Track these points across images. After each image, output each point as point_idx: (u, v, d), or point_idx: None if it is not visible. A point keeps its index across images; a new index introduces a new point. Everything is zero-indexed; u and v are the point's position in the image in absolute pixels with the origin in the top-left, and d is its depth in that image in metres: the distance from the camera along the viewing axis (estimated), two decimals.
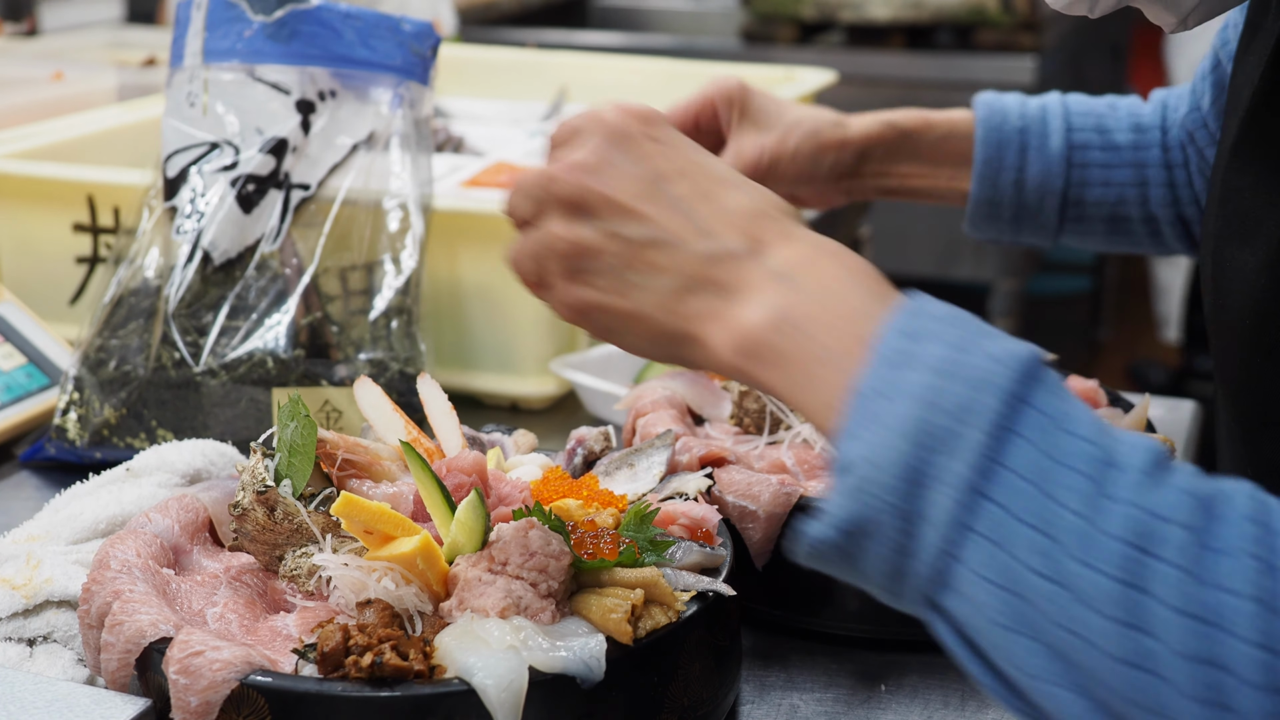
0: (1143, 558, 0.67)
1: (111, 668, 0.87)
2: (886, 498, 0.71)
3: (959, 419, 0.70)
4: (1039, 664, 0.70)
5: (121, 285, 1.34)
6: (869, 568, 0.73)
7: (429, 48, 1.44)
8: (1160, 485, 0.69)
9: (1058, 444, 0.70)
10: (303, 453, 0.95)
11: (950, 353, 0.73)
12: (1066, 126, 1.39)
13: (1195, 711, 0.66)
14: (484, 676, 0.81)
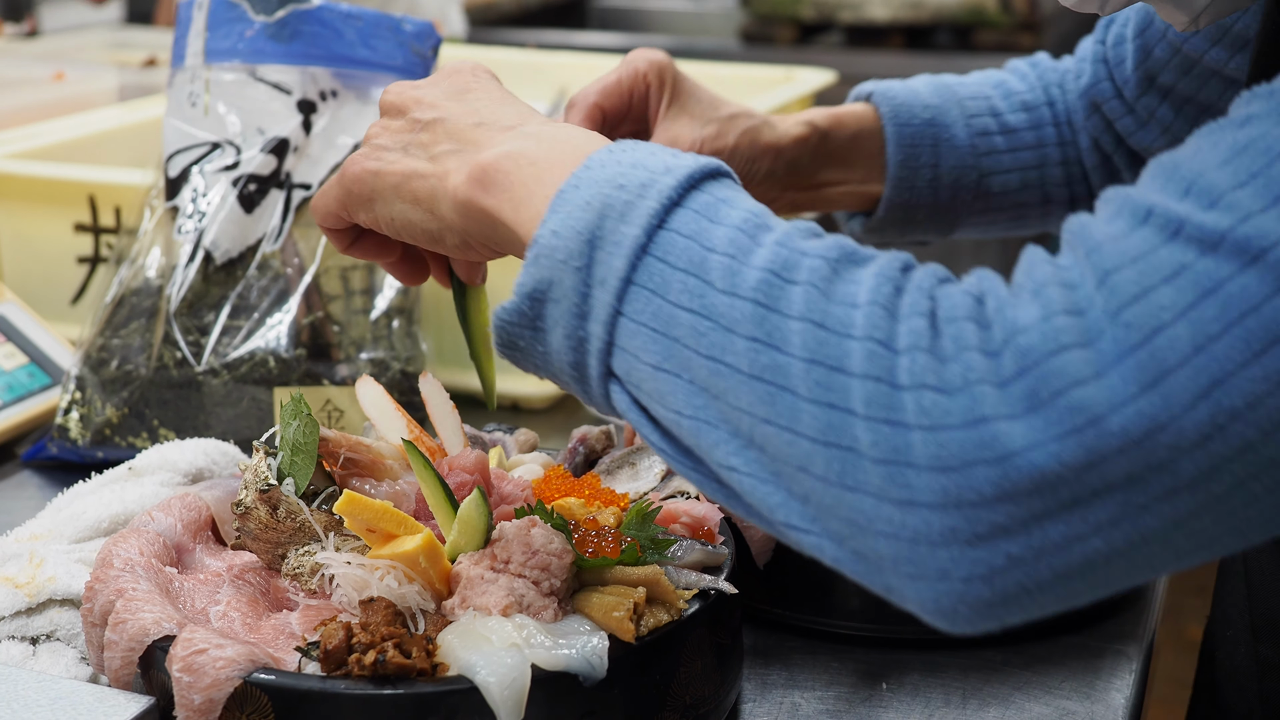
0: (781, 283, 0.73)
1: (115, 666, 0.87)
2: (566, 260, 0.77)
3: (638, 194, 0.77)
4: (688, 400, 0.74)
5: (123, 285, 1.34)
6: (553, 337, 0.79)
7: (430, 48, 1.44)
8: (812, 237, 0.75)
9: (721, 213, 0.77)
10: (305, 451, 0.95)
11: (644, 155, 0.80)
12: (965, 115, 1.32)
13: (813, 412, 0.70)
14: (487, 674, 0.82)
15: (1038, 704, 1.00)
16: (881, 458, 0.68)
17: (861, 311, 0.71)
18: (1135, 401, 0.65)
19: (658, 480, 1.05)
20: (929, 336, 0.69)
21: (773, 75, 2.18)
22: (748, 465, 0.73)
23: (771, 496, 0.73)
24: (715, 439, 0.74)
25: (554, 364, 0.80)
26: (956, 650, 1.06)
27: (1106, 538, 0.67)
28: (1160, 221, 0.68)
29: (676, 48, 3.47)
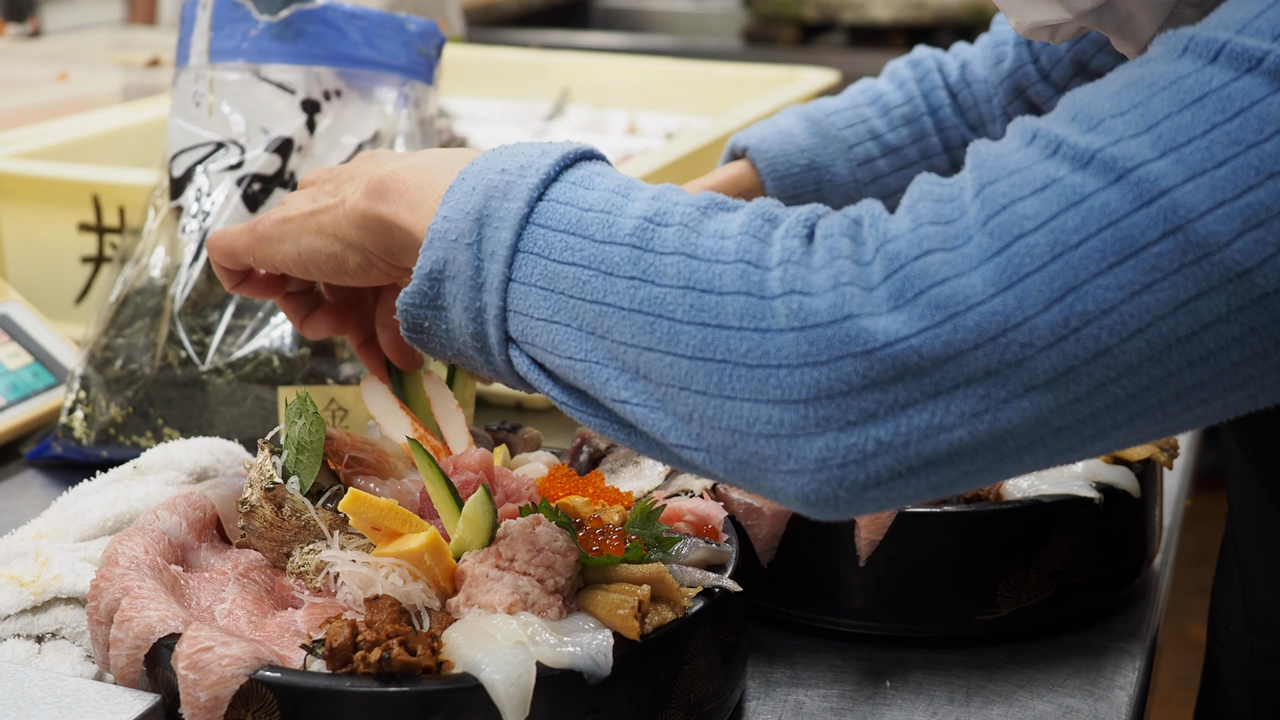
0: (655, 227, 0.78)
1: (120, 664, 0.87)
2: (458, 239, 0.83)
3: (519, 175, 0.84)
4: (577, 345, 0.80)
5: (127, 284, 1.34)
6: (453, 311, 0.84)
7: (433, 48, 1.44)
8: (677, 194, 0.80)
9: (593, 181, 0.83)
10: (310, 450, 0.95)
11: (523, 147, 0.87)
12: (843, 145, 1.32)
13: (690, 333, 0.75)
14: (492, 672, 0.82)
15: (1041, 701, 1.00)
16: (755, 363, 0.73)
17: (733, 241, 0.76)
18: (991, 300, 0.70)
19: (661, 478, 1.06)
20: (802, 251, 0.74)
21: (775, 75, 2.18)
22: (636, 395, 0.78)
23: (661, 421, 0.78)
24: (605, 376, 0.79)
25: (457, 339, 0.86)
26: (960, 648, 1.06)
27: (970, 428, 0.71)
28: (1043, 141, 0.73)
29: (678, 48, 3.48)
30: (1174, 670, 3.11)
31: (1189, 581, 3.55)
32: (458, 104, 2.26)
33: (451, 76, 2.23)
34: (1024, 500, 1.05)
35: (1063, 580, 1.06)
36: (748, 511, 1.05)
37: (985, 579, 1.05)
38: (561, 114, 2.25)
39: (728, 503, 1.05)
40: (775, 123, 1.34)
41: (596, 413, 0.82)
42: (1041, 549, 1.05)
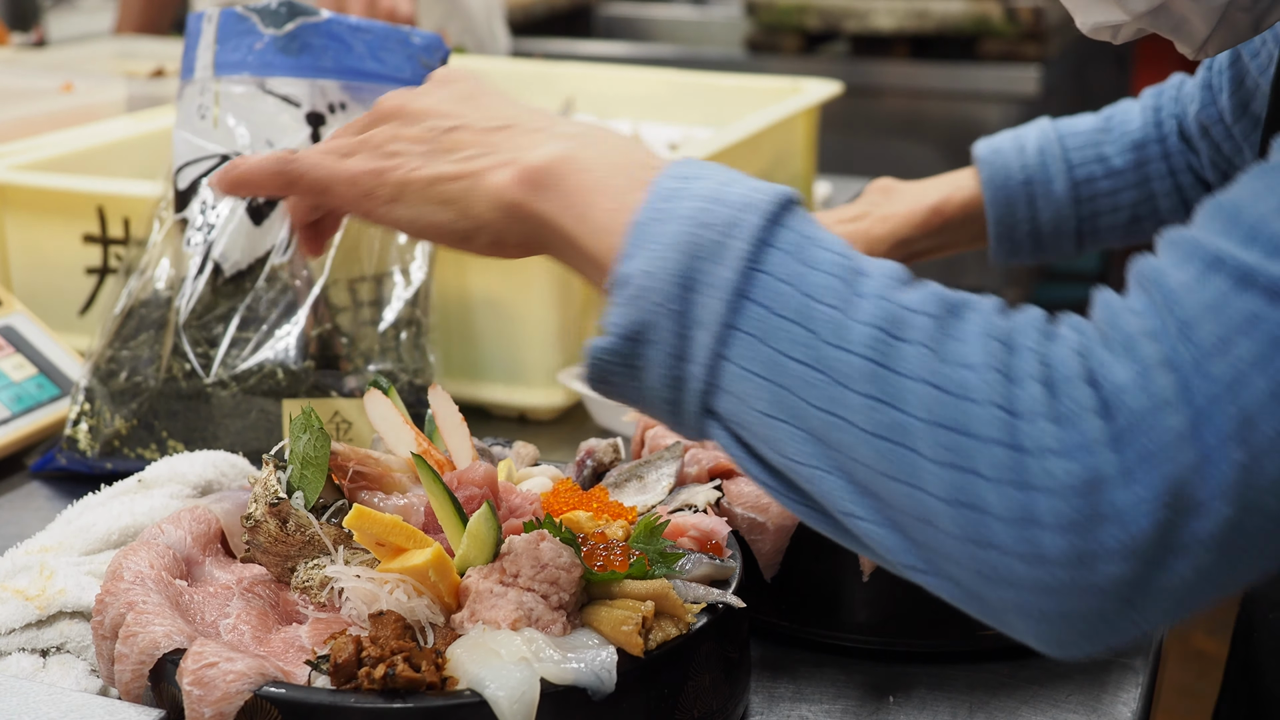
0: (891, 340, 0.75)
1: (125, 679, 0.88)
2: (662, 303, 0.79)
3: (725, 233, 0.78)
4: (801, 448, 0.77)
5: (132, 296, 1.35)
6: (649, 375, 0.80)
7: (438, 60, 1.45)
8: (907, 287, 0.78)
9: (812, 255, 0.78)
10: (315, 465, 0.95)
11: (716, 186, 0.81)
12: (1067, 165, 1.47)
13: (939, 474, 0.73)
14: (496, 688, 0.82)
15: (1044, 717, 1.00)
16: (1011, 518, 0.72)
17: (977, 375, 0.74)
18: (1227, 453, 0.71)
19: (665, 493, 1.06)
20: (1046, 401, 0.73)
21: (779, 86, 2.18)
22: (866, 511, 0.76)
23: (889, 539, 0.77)
24: (831, 486, 0.77)
25: (647, 399, 0.82)
26: (963, 664, 1.06)
27: (1212, 576, 0.72)
28: (1231, 270, 0.73)
29: (682, 57, 3.48)
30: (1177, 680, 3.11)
31: None
32: None
33: None
34: None
35: None
36: (751, 527, 1.05)
37: None
38: None
39: (731, 518, 1.05)
40: (1019, 134, 1.50)
41: (806, 504, 0.80)
42: None
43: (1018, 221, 1.49)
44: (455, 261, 1.46)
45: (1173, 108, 1.50)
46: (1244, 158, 1.42)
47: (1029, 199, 1.48)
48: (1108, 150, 1.49)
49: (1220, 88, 1.41)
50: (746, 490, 1.06)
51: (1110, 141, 1.49)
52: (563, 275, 1.46)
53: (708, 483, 1.08)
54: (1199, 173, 1.48)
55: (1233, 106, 1.40)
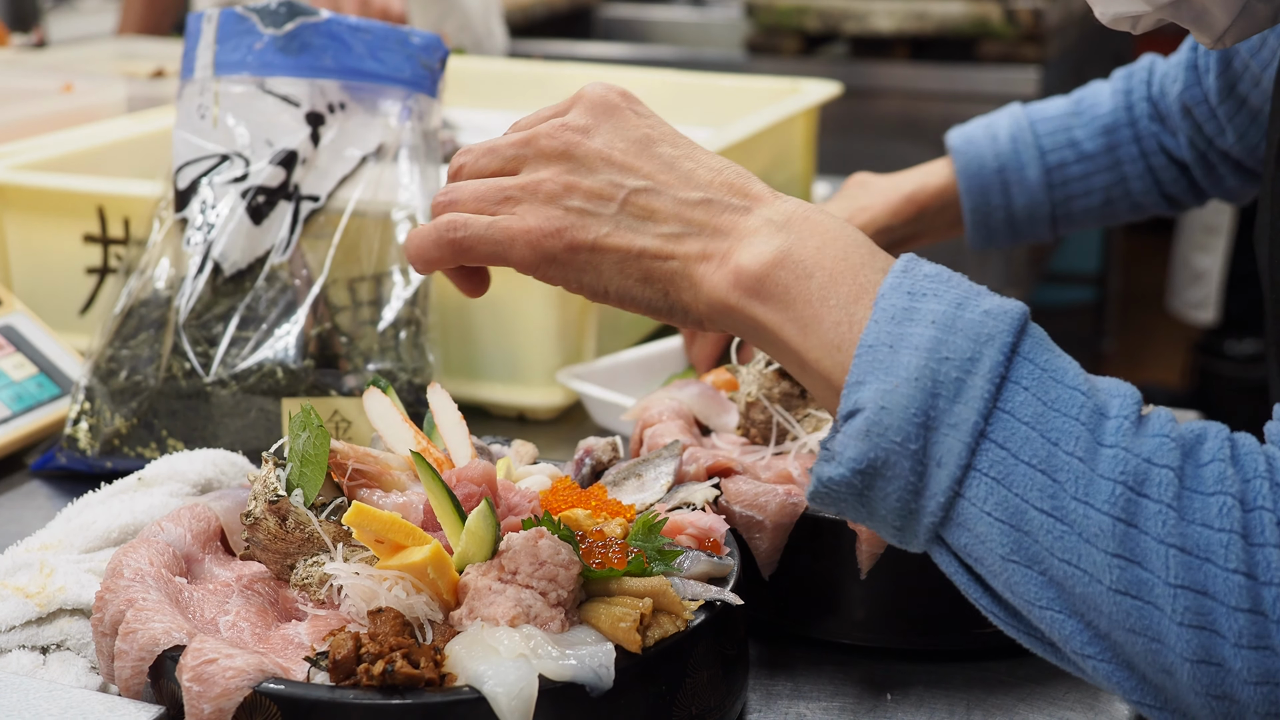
0: (1135, 497, 0.75)
1: (125, 675, 0.88)
2: (899, 440, 0.77)
3: (964, 369, 0.78)
4: (1040, 593, 0.78)
5: (132, 296, 1.35)
6: (881, 506, 0.80)
7: (437, 60, 1.45)
8: (1145, 432, 0.77)
9: (1052, 393, 0.78)
10: (315, 463, 0.96)
11: (949, 309, 0.79)
12: (1039, 151, 1.50)
13: (1182, 634, 0.74)
14: (494, 684, 0.82)
15: (1041, 715, 1.00)
16: (1253, 680, 0.74)
17: (1218, 536, 0.75)
18: None
19: (664, 492, 1.06)
20: None
21: (778, 87, 2.18)
22: (1103, 655, 0.78)
23: (1127, 682, 0.78)
24: (1070, 630, 0.78)
25: (873, 522, 0.82)
26: (961, 662, 1.06)
27: None
28: None
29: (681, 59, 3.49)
30: None
31: None
32: (461, 115, 2.27)
33: (453, 88, 2.23)
34: None
35: None
36: (749, 525, 1.05)
37: None
38: None
39: (729, 516, 1.06)
40: (991, 121, 1.54)
41: (1035, 636, 0.81)
42: None
43: (992, 209, 1.53)
44: None
45: (1144, 90, 1.51)
46: (1226, 139, 1.44)
47: (1003, 186, 1.51)
48: (1078, 134, 1.52)
49: (1206, 68, 1.42)
50: (744, 488, 1.06)
51: (1081, 125, 1.52)
52: None
53: (706, 481, 1.08)
54: (1172, 153, 1.50)
55: (1219, 88, 1.40)
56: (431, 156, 1.44)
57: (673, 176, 0.87)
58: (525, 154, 0.89)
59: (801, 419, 1.15)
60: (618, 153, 0.87)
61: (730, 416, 1.21)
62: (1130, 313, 5.26)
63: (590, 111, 0.89)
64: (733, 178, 0.87)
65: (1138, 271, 5.50)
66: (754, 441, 1.17)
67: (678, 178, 0.87)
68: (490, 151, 0.90)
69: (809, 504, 0.83)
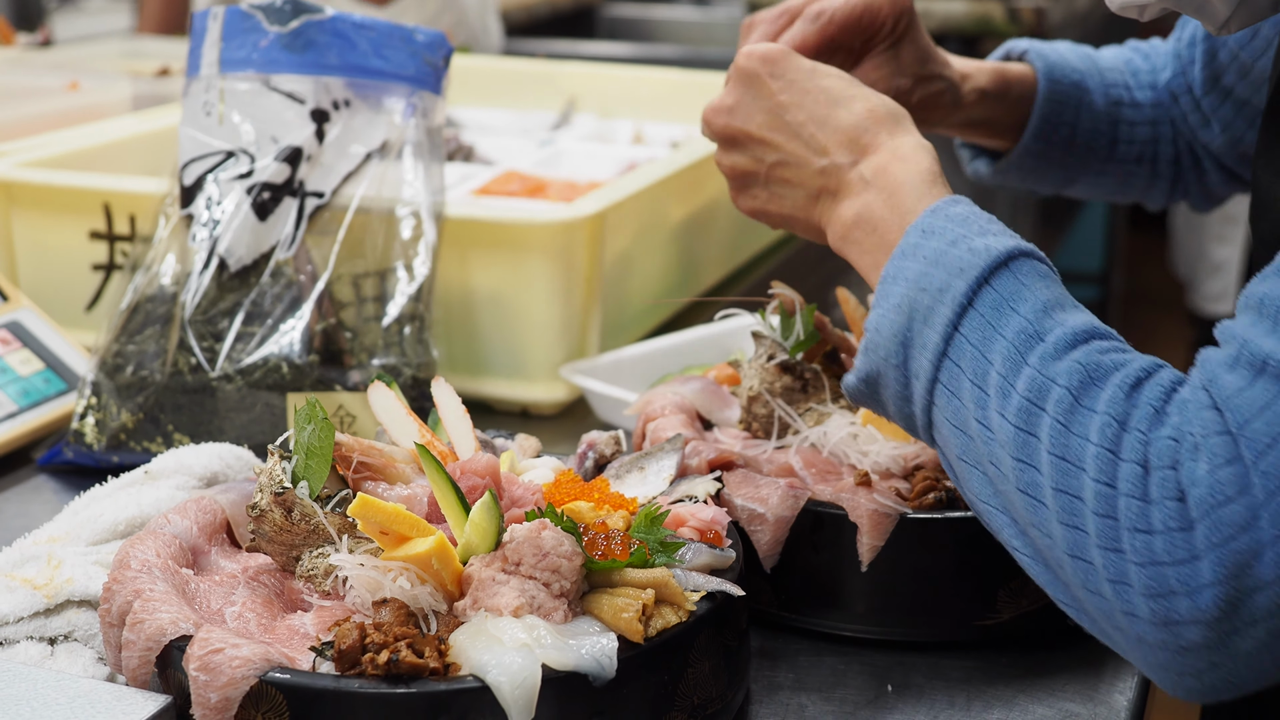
0: (1035, 410, 0.88)
1: (132, 665, 0.89)
2: (885, 356, 0.95)
3: (936, 298, 0.93)
4: (981, 490, 0.92)
5: (138, 292, 1.36)
6: (889, 408, 0.98)
7: (441, 58, 1.46)
8: (1063, 356, 0.89)
9: (1003, 320, 0.91)
10: (320, 455, 0.96)
11: (943, 246, 0.95)
12: (1104, 84, 1.46)
13: (1064, 533, 0.86)
14: (498, 674, 0.83)
15: (1041, 706, 1.01)
16: (1111, 579, 0.84)
17: (1092, 450, 0.85)
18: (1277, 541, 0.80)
19: (666, 484, 1.07)
20: (1141, 482, 0.84)
21: None
22: (1025, 548, 0.91)
23: (1041, 576, 0.90)
24: (1000, 524, 0.92)
25: (893, 420, 0.99)
26: (961, 653, 1.07)
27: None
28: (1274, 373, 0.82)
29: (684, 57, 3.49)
30: None
31: None
32: (465, 113, 2.27)
33: (458, 86, 2.24)
34: None
35: None
36: (751, 518, 1.06)
37: (986, 584, 1.06)
38: (568, 123, 2.26)
39: (731, 509, 1.06)
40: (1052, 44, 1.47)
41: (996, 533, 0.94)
42: None
43: (1061, 124, 1.42)
44: (459, 258, 1.47)
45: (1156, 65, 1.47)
46: (1210, 132, 1.42)
47: (1076, 104, 1.42)
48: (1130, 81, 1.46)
49: (1191, 59, 1.41)
50: (746, 482, 1.07)
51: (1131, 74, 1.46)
52: (565, 272, 1.47)
53: (708, 474, 1.09)
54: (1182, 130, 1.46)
55: (1204, 79, 1.40)
56: (435, 153, 1.44)
57: (800, 146, 1.07)
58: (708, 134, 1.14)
59: (803, 413, 1.16)
60: (755, 126, 1.09)
61: (732, 411, 1.22)
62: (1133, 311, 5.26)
63: (735, 86, 1.11)
64: (848, 132, 1.05)
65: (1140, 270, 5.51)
66: (756, 435, 1.18)
67: (804, 146, 1.07)
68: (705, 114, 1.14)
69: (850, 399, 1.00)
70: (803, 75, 1.08)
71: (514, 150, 2.07)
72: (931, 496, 1.06)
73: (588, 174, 1.92)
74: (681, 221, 1.77)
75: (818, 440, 1.14)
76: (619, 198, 1.55)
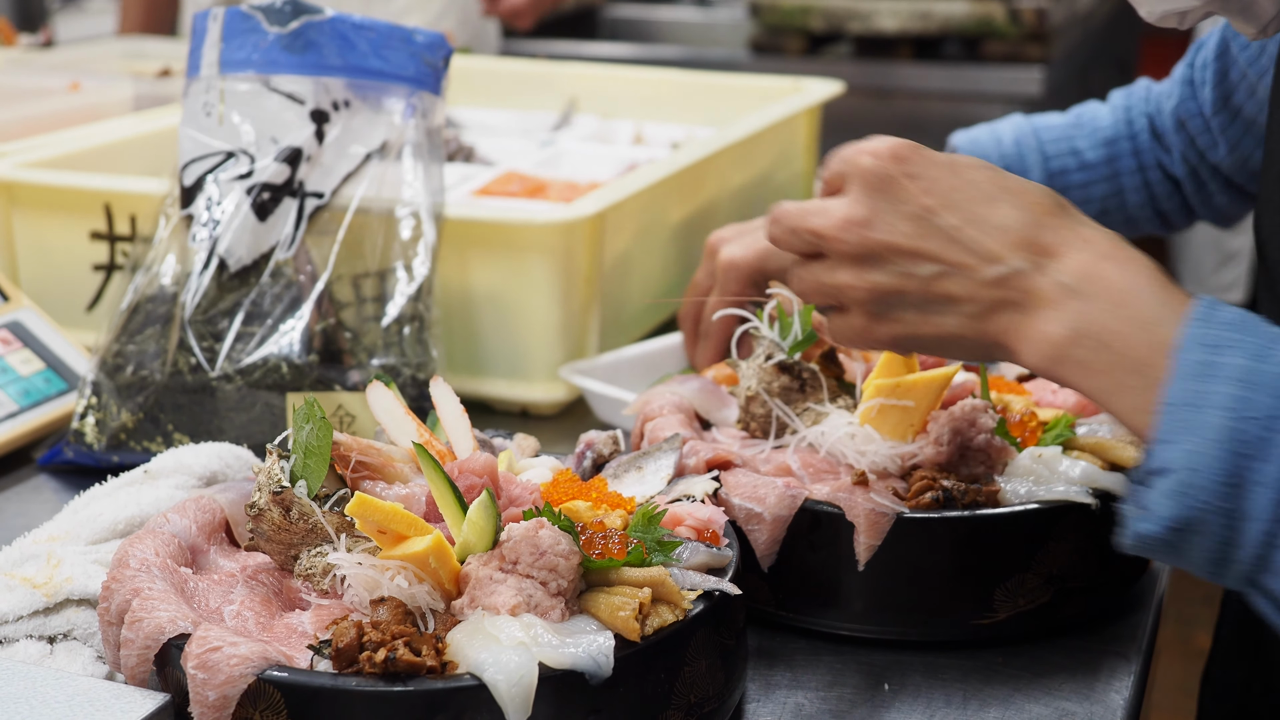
0: None
1: (131, 663, 0.89)
2: (1210, 500, 0.83)
3: (1268, 427, 0.82)
4: None
5: (138, 292, 1.36)
6: (1194, 559, 0.86)
7: (441, 58, 1.46)
8: None
9: None
10: (318, 454, 0.97)
11: (1250, 363, 0.84)
12: (1043, 157, 1.50)
13: None
14: (495, 672, 0.83)
15: (1037, 705, 1.01)
16: None
17: None
18: None
19: (664, 484, 1.07)
20: None
21: (781, 86, 2.19)
22: None
23: None
24: None
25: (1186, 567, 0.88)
26: (958, 652, 1.07)
27: None
28: None
29: (686, 58, 3.49)
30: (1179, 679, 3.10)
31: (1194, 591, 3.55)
32: (465, 114, 2.28)
33: (459, 86, 2.24)
34: (1021, 506, 1.06)
35: (1059, 585, 1.07)
36: (748, 517, 1.06)
37: (983, 584, 1.06)
38: (568, 124, 2.27)
39: (728, 508, 1.07)
40: (994, 127, 1.52)
41: None
42: (1038, 554, 1.06)
43: None
44: (458, 258, 1.48)
45: (1143, 106, 1.53)
46: (1219, 152, 1.46)
47: None
48: (1080, 144, 1.52)
49: (1203, 81, 1.45)
50: (744, 481, 1.07)
51: (1082, 136, 1.53)
52: (564, 272, 1.47)
53: (706, 473, 1.09)
54: (1167, 169, 1.52)
55: (1214, 99, 1.43)
56: (435, 154, 1.45)
57: (961, 253, 0.92)
58: (821, 247, 0.96)
59: (801, 413, 1.16)
60: (902, 237, 0.93)
61: (730, 410, 1.22)
62: None
63: (866, 193, 0.94)
64: (1018, 232, 0.92)
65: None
66: (754, 435, 1.18)
67: (967, 254, 0.92)
68: (792, 231, 0.97)
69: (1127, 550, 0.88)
70: (943, 171, 0.93)
71: (514, 151, 2.07)
72: (928, 496, 1.06)
73: (588, 175, 1.93)
74: (681, 222, 1.77)
75: (815, 440, 1.14)
76: (618, 198, 1.55)
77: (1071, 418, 1.15)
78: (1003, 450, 1.10)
